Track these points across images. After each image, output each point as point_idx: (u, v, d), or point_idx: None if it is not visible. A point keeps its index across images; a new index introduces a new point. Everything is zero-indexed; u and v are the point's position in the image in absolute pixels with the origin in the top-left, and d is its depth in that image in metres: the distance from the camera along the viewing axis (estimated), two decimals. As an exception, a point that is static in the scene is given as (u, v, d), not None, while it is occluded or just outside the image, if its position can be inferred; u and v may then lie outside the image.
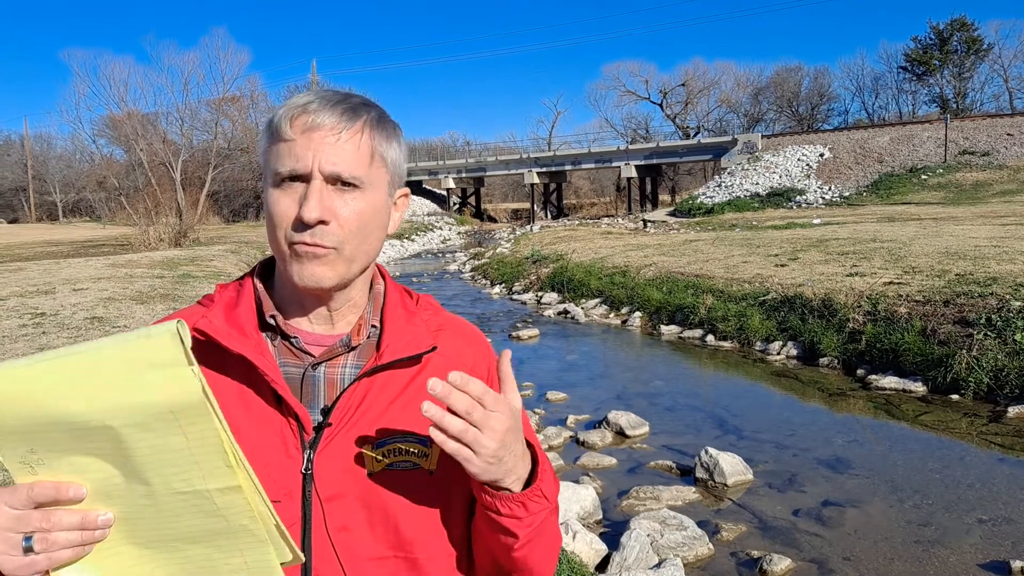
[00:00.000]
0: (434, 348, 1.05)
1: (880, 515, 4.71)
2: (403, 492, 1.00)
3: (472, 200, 58.49)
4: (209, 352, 0.98)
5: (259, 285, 1.06)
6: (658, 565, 4.02)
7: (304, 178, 0.96)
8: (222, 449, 0.79)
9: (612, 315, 12.32)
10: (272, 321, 1.03)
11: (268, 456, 0.96)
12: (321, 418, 0.99)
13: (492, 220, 57.47)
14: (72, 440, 0.79)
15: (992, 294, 7.89)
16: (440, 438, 0.87)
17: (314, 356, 1.02)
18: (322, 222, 0.95)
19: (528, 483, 0.97)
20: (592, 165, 50.17)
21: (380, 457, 0.99)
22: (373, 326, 1.06)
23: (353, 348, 1.04)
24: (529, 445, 0.99)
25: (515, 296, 15.45)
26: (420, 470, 1.01)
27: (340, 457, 0.98)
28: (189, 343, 0.76)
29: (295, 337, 1.03)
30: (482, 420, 0.88)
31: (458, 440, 0.87)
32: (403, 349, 1.02)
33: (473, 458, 0.88)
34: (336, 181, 0.96)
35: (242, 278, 1.09)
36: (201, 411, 0.77)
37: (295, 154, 0.95)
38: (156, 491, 0.81)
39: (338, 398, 0.99)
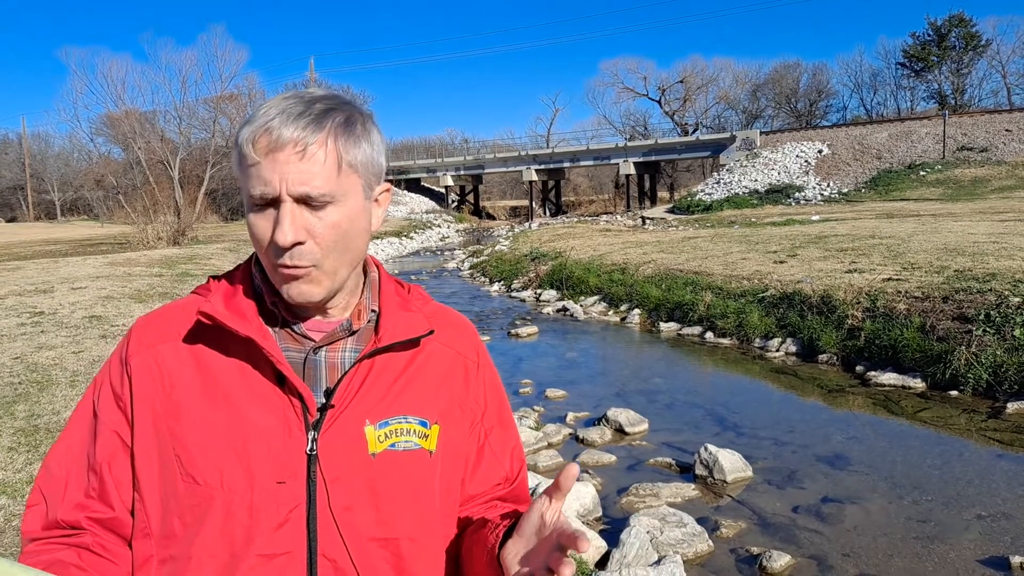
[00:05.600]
0: (432, 332, 1.08)
1: (879, 511, 4.71)
2: (405, 472, 1.02)
3: (470, 198, 58.46)
4: (211, 336, 1.01)
5: (257, 274, 1.07)
6: (658, 562, 4.02)
7: (274, 202, 0.94)
8: None
9: (611, 312, 12.32)
10: (274, 308, 1.04)
11: (272, 438, 0.98)
12: (324, 400, 1.01)
13: (491, 217, 57.47)
14: None
15: (991, 290, 7.90)
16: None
17: (315, 341, 1.04)
18: (298, 243, 0.95)
19: None
20: (591, 162, 50.20)
21: (382, 437, 1.01)
22: (372, 311, 1.08)
23: (353, 332, 1.06)
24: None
25: (514, 294, 15.45)
26: (421, 450, 1.04)
27: (344, 438, 0.99)
28: None
29: (296, 323, 1.04)
30: None
31: None
32: (402, 332, 1.05)
33: None
34: (305, 201, 0.95)
35: (235, 270, 1.10)
36: None
37: (263, 178, 0.93)
38: None
39: (340, 379, 1.01)
